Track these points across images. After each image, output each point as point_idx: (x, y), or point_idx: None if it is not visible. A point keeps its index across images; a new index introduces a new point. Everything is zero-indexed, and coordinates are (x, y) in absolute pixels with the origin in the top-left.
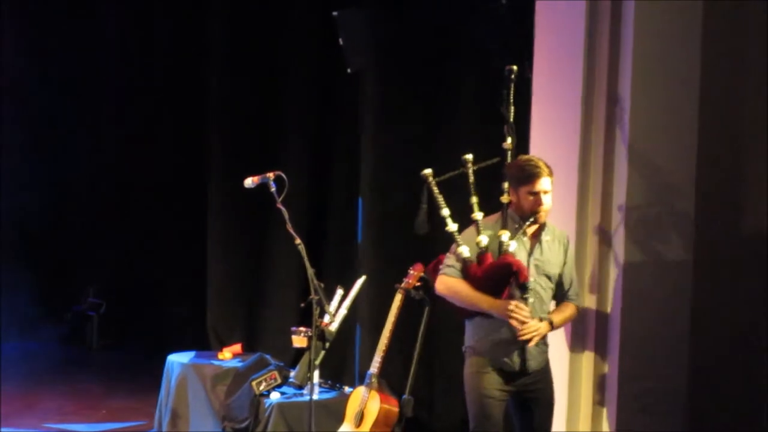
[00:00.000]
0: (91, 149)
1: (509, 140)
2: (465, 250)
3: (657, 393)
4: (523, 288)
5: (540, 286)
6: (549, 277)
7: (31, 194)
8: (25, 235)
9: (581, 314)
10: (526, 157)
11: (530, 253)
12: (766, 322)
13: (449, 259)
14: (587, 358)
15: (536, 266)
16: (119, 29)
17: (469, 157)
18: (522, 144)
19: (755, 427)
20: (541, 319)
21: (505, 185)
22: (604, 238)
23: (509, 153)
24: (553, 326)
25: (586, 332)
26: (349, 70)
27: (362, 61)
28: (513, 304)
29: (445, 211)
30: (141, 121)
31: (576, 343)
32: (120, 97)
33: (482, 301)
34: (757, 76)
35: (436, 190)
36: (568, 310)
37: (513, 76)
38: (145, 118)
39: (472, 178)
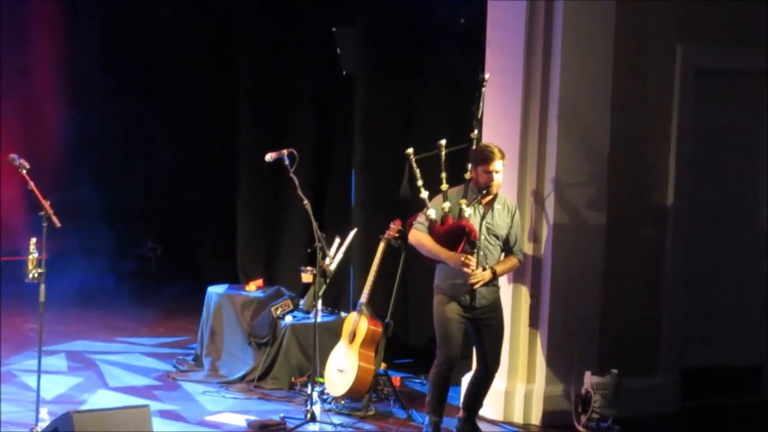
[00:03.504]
0: (145, 141)
1: (476, 131)
2: (432, 213)
3: (577, 319)
4: (473, 245)
5: (490, 243)
6: (497, 237)
7: (117, 178)
8: (110, 203)
9: (523, 262)
10: (484, 143)
11: (483, 217)
12: (661, 272)
13: (420, 218)
14: (525, 293)
15: (487, 228)
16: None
17: (443, 142)
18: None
19: (646, 345)
20: (484, 269)
21: (469, 165)
22: (539, 203)
23: (474, 141)
24: (495, 274)
25: (525, 274)
26: (344, 72)
27: (354, 66)
28: (464, 257)
29: (420, 182)
30: (189, 114)
31: (518, 282)
32: (180, 106)
33: (441, 252)
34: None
35: (415, 165)
36: (511, 262)
37: (485, 82)
38: (192, 111)
39: (443, 158)
